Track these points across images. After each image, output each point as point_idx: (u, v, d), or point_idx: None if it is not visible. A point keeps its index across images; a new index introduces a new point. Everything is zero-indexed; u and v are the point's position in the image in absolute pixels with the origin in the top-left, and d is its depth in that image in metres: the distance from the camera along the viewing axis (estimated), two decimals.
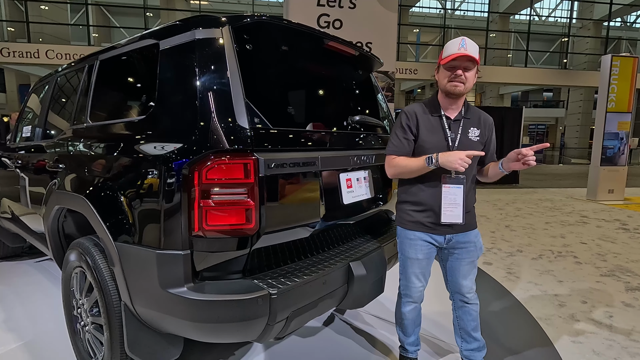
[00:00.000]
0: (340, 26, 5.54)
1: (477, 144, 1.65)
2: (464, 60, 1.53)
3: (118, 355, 1.52)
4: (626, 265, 3.63)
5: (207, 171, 1.25)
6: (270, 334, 1.36)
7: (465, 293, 1.76)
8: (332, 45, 1.83)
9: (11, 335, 2.19)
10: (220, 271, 1.36)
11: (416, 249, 1.70)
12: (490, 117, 1.74)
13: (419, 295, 1.79)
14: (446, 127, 1.63)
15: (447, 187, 1.60)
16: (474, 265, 1.76)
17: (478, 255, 1.74)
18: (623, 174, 7.63)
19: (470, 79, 1.57)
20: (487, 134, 1.70)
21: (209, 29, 1.39)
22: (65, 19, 16.23)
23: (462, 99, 1.65)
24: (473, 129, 1.65)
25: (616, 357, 2.07)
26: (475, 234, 1.73)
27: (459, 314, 1.82)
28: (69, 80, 2.30)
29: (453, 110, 1.65)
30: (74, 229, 2.06)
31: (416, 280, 1.75)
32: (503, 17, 20.34)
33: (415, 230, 1.69)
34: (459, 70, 1.54)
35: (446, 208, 1.61)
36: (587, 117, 21.62)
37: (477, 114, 1.70)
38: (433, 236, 1.69)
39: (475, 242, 1.72)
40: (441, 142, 1.62)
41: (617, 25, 24.45)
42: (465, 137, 1.64)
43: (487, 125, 1.70)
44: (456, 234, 1.68)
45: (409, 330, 1.85)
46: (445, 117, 1.64)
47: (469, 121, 1.66)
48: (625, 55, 7.56)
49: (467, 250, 1.71)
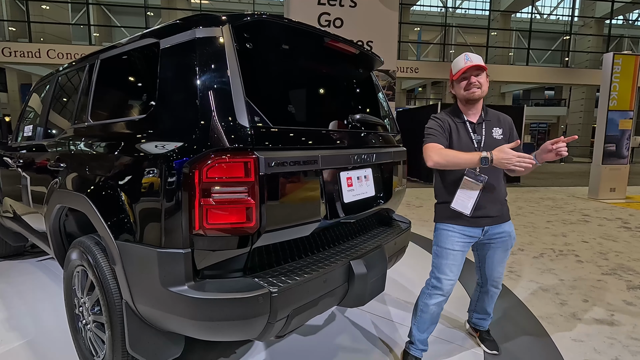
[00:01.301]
0: (341, 25, 5.53)
1: (501, 142, 1.77)
2: (473, 70, 1.74)
3: (120, 353, 1.53)
4: (628, 263, 3.63)
5: (207, 170, 1.25)
6: (271, 332, 1.36)
7: (496, 278, 1.96)
8: (332, 43, 1.83)
9: (13, 334, 2.20)
10: (221, 269, 1.36)
11: (453, 241, 1.81)
12: (509, 117, 1.90)
13: (449, 289, 1.84)
14: (470, 130, 1.80)
15: (468, 180, 1.76)
16: (507, 255, 1.93)
17: (512, 244, 1.90)
18: (625, 172, 7.61)
19: (484, 83, 1.77)
20: (509, 132, 1.84)
21: (209, 27, 1.39)
22: (66, 19, 16.25)
23: (480, 104, 1.83)
24: (495, 129, 1.82)
25: (617, 356, 2.07)
26: (509, 224, 1.88)
27: (482, 296, 2.05)
28: (70, 80, 2.31)
29: (474, 114, 1.83)
30: (75, 228, 2.07)
31: (449, 272, 1.82)
32: (504, 15, 20.27)
33: (454, 223, 1.81)
34: (472, 78, 1.74)
35: (459, 196, 1.76)
36: (588, 116, 21.55)
37: (495, 115, 1.87)
38: (471, 229, 1.80)
39: (510, 232, 1.88)
40: (468, 144, 1.78)
41: (619, 23, 24.35)
42: (489, 137, 1.80)
43: (507, 123, 1.86)
44: (492, 225, 1.82)
45: (425, 326, 1.91)
46: (469, 122, 1.82)
47: (490, 122, 1.83)
48: (627, 54, 7.53)
49: (502, 240, 1.86)
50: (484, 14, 22.14)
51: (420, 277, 3.14)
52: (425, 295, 1.89)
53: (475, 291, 2.12)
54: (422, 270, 3.35)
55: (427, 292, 1.88)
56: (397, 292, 2.84)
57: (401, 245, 2.14)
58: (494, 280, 1.97)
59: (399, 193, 2.25)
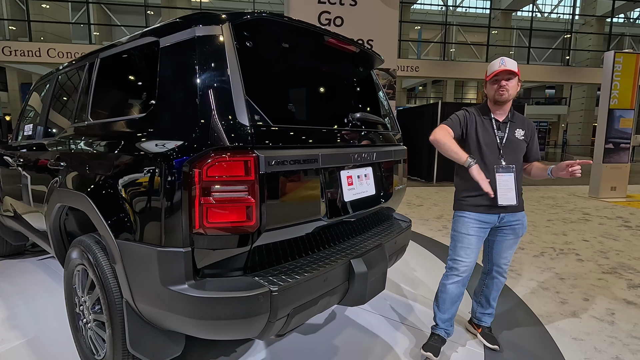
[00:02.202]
0: (341, 23, 5.52)
1: (522, 142, 1.96)
2: (505, 74, 1.87)
3: (120, 352, 1.53)
4: (628, 262, 3.62)
5: (207, 168, 1.25)
6: (271, 331, 1.36)
7: (502, 264, 2.05)
8: (332, 42, 1.82)
9: (14, 333, 2.20)
10: (222, 268, 1.36)
11: (468, 226, 1.95)
12: (533, 123, 2.07)
13: (464, 270, 1.97)
14: (495, 127, 1.95)
15: (501, 176, 1.90)
16: (516, 243, 2.04)
17: (523, 232, 2.02)
18: (626, 171, 7.59)
19: (513, 87, 1.90)
20: (530, 134, 2.01)
21: (209, 26, 1.39)
22: (66, 18, 16.24)
23: (508, 106, 1.97)
24: (519, 130, 1.97)
25: (618, 355, 2.07)
26: (523, 214, 2.01)
27: (488, 283, 2.13)
28: (70, 79, 2.31)
29: (501, 114, 1.98)
30: (75, 227, 2.07)
31: (464, 254, 1.96)
32: (505, 13, 20.21)
33: (472, 211, 1.96)
34: (503, 81, 1.88)
35: (501, 193, 1.89)
36: (589, 115, 21.51)
37: (521, 118, 2.02)
38: (488, 216, 1.94)
39: (523, 221, 2.00)
40: (492, 139, 1.93)
41: (620, 21, 24.29)
42: (512, 135, 1.94)
43: (530, 127, 2.02)
44: (507, 214, 1.95)
45: (445, 306, 2.03)
46: (495, 120, 1.96)
47: (514, 124, 1.97)
48: (628, 52, 7.51)
49: (514, 228, 1.98)
50: (484, 13, 22.09)
51: (421, 276, 3.15)
52: (444, 276, 2.05)
53: (481, 280, 2.17)
54: (422, 269, 3.35)
55: (445, 273, 2.04)
56: (397, 291, 2.84)
57: (401, 244, 2.14)
58: (500, 266, 2.05)
59: (399, 192, 2.25)
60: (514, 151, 1.93)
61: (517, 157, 1.95)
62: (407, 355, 2.04)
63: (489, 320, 2.17)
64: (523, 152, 1.98)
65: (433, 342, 2.01)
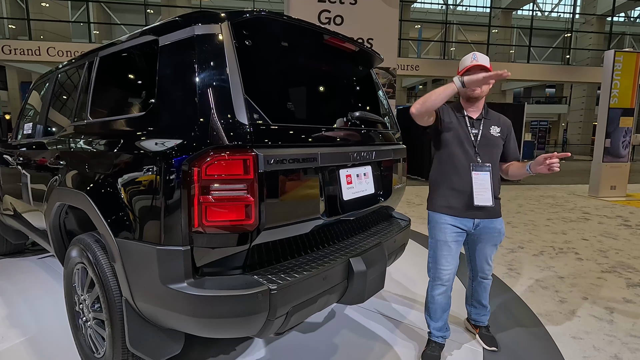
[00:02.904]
0: (341, 22, 5.51)
1: (498, 139, 1.90)
2: (477, 69, 1.79)
3: (120, 350, 1.54)
4: (628, 261, 3.63)
5: (206, 167, 1.25)
6: (271, 329, 1.36)
7: (485, 270, 2.03)
8: (332, 41, 1.82)
9: (14, 331, 2.21)
10: (221, 267, 1.36)
11: (445, 233, 1.89)
12: (509, 121, 2.00)
13: (447, 278, 1.93)
14: (468, 124, 1.89)
15: (477, 174, 1.83)
16: (494, 249, 2.01)
17: (500, 240, 1.97)
18: (625, 170, 7.59)
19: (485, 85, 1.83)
20: (506, 132, 1.94)
21: (208, 24, 1.39)
22: (66, 16, 16.22)
23: (481, 103, 1.92)
24: (494, 127, 1.91)
25: (617, 353, 2.08)
26: (500, 221, 1.94)
27: (475, 287, 2.10)
28: (70, 77, 2.31)
29: (474, 111, 1.92)
30: (75, 226, 2.07)
31: (445, 261, 1.90)
32: (505, 12, 20.19)
33: (445, 214, 1.89)
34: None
35: (477, 192, 1.82)
36: (589, 114, 21.51)
37: (496, 116, 1.97)
38: (462, 220, 1.87)
39: (500, 229, 1.94)
40: (467, 136, 1.88)
41: (620, 20, 24.25)
42: (487, 132, 1.89)
43: (506, 124, 1.96)
44: (484, 219, 1.88)
45: (437, 315, 1.99)
46: (468, 117, 1.91)
47: (489, 121, 1.92)
48: (628, 51, 7.50)
49: (492, 236, 1.93)
50: (484, 12, 22.06)
51: (420, 275, 3.15)
52: (430, 287, 2.01)
53: (468, 286, 2.18)
54: (421, 267, 3.35)
55: (430, 284, 2.00)
56: (396, 290, 2.84)
57: (401, 242, 2.14)
58: (484, 272, 2.04)
59: (398, 191, 2.25)
60: (490, 149, 1.87)
61: (492, 155, 1.88)
62: (406, 354, 2.04)
63: (486, 319, 2.17)
64: (499, 150, 1.92)
65: (431, 350, 1.97)
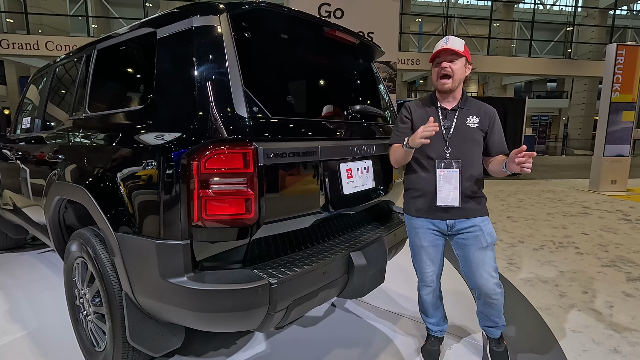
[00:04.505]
0: (341, 16, 5.47)
1: (475, 130, 1.69)
2: (447, 54, 1.62)
3: (120, 344, 1.54)
4: (627, 255, 3.63)
5: (205, 161, 1.24)
6: (271, 323, 1.36)
7: (481, 286, 1.71)
8: (332, 33, 1.80)
9: (15, 325, 2.21)
10: (220, 261, 1.36)
11: (420, 237, 1.79)
12: (493, 108, 1.76)
13: (431, 280, 1.85)
14: (441, 117, 1.71)
15: (442, 172, 1.67)
16: (486, 254, 1.70)
17: (487, 241, 1.70)
18: (626, 164, 7.58)
19: (458, 71, 1.64)
20: (487, 123, 1.72)
21: (206, 16, 1.37)
22: (64, 10, 16.08)
23: (457, 93, 1.72)
24: (472, 117, 1.70)
25: (616, 347, 2.08)
26: (482, 219, 1.72)
27: (482, 308, 1.82)
28: (68, 71, 2.29)
29: (449, 102, 1.73)
30: (74, 220, 2.06)
31: (425, 265, 1.83)
32: (507, 6, 20.02)
33: (417, 217, 1.78)
34: (444, 63, 1.63)
35: (441, 191, 1.67)
36: (590, 108, 21.42)
37: (477, 105, 1.74)
38: (435, 222, 1.74)
39: (481, 226, 1.70)
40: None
41: (623, 13, 24.05)
42: (462, 124, 1.69)
43: (488, 114, 1.73)
44: (458, 219, 1.70)
45: (429, 312, 1.95)
46: (442, 108, 1.73)
47: (467, 111, 1.71)
48: (630, 45, 7.45)
49: (474, 234, 1.70)
50: (486, 5, 21.87)
51: None
52: (418, 287, 1.94)
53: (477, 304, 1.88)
54: None
55: (418, 284, 1.93)
56: (396, 284, 2.84)
57: (401, 237, 2.14)
58: (482, 288, 1.72)
59: (399, 185, 2.24)
60: (464, 142, 1.66)
61: (468, 149, 1.67)
62: (406, 347, 2.05)
63: (497, 333, 1.87)
64: (478, 144, 1.70)
65: (430, 345, 1.94)
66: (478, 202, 1.73)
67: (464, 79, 1.70)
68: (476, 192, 1.72)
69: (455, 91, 1.70)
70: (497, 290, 1.73)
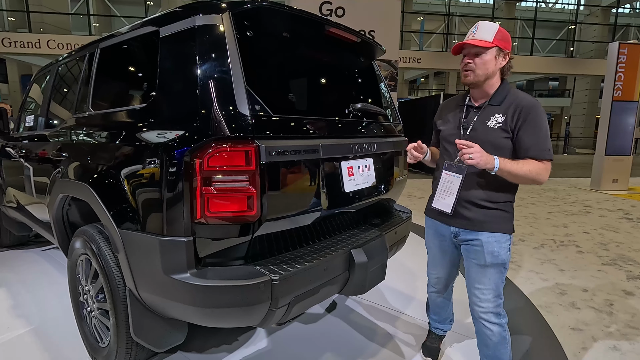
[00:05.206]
0: (342, 14, 5.47)
1: (496, 131, 1.47)
2: (470, 47, 1.48)
3: (124, 339, 1.56)
4: (628, 254, 3.64)
5: (208, 159, 1.25)
6: (273, 319, 1.38)
7: (472, 303, 1.58)
8: (334, 32, 1.81)
9: (20, 321, 2.24)
10: (223, 257, 1.38)
11: (428, 237, 1.80)
12: (530, 102, 1.46)
13: (435, 282, 1.84)
14: (463, 115, 1.59)
15: (447, 174, 1.58)
16: (484, 274, 1.53)
17: (486, 260, 1.51)
18: (628, 163, 7.56)
19: (483, 65, 1.47)
20: (515, 120, 1.44)
21: (209, 15, 1.38)
22: (65, 9, 16.10)
23: (489, 86, 1.52)
24: (496, 115, 1.49)
25: (615, 344, 2.09)
26: (489, 236, 1.51)
27: (476, 328, 1.62)
28: (70, 69, 2.30)
29: (479, 98, 1.57)
30: (78, 217, 2.08)
31: (430, 265, 1.84)
32: (509, 4, 19.94)
33: (428, 216, 1.77)
34: (466, 58, 1.51)
35: (439, 194, 1.60)
36: (592, 107, 21.34)
37: (510, 100, 1.49)
38: (439, 226, 1.70)
39: (484, 242, 1.51)
40: (455, 130, 1.60)
41: (625, 12, 23.94)
42: (481, 124, 1.51)
43: (519, 110, 1.44)
44: (461, 229, 1.58)
45: (433, 310, 1.95)
46: (468, 105, 1.59)
47: (493, 108, 1.51)
48: (633, 43, 7.42)
49: (474, 249, 1.54)
50: (488, 3, 21.79)
51: (420, 267, 3.17)
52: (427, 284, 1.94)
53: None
54: (422, 260, 3.37)
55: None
56: (397, 282, 2.86)
57: (402, 234, 2.15)
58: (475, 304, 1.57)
59: (399, 183, 2.25)
60: (481, 143, 1.40)
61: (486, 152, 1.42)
62: (406, 345, 2.06)
63: None
64: (497, 147, 1.45)
65: (430, 342, 1.95)
66: (489, 215, 1.52)
67: (496, 72, 1.50)
68: (488, 203, 1.51)
69: (485, 85, 1.51)
70: (491, 321, 1.53)
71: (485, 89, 1.53)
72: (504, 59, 1.50)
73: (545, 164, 1.44)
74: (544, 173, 1.44)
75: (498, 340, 1.55)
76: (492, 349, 1.58)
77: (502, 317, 1.56)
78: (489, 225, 1.52)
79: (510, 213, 1.55)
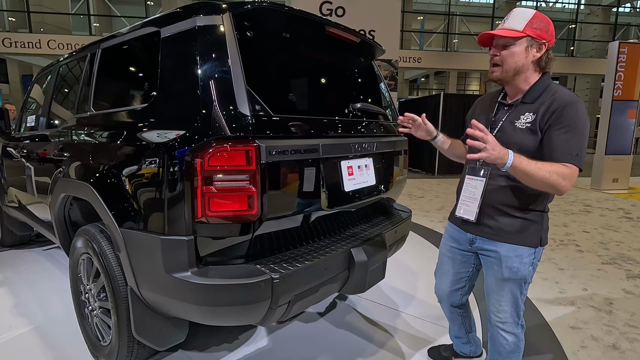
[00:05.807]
0: (342, 14, 5.48)
1: (524, 131, 1.31)
2: (498, 38, 1.31)
3: (125, 338, 1.57)
4: (628, 253, 3.64)
5: (209, 158, 1.27)
6: (273, 317, 1.39)
7: (490, 313, 1.49)
8: (334, 32, 1.82)
9: (22, 320, 2.25)
10: (224, 256, 1.39)
11: (443, 240, 1.67)
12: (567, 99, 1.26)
13: (439, 294, 1.70)
14: (492, 113, 1.44)
15: (470, 179, 1.44)
16: (503, 288, 1.41)
17: (504, 275, 1.38)
18: (628, 162, 7.56)
19: (511, 58, 1.29)
20: (546, 119, 1.26)
21: (209, 15, 1.39)
22: (65, 9, 16.12)
23: (522, 82, 1.35)
24: (527, 114, 1.32)
25: (614, 343, 2.10)
26: (509, 249, 1.36)
27: (490, 332, 1.53)
28: (71, 70, 2.31)
29: (512, 95, 1.41)
30: (79, 217, 2.09)
31: (436, 272, 1.72)
32: (509, 3, 19.93)
33: (449, 220, 1.62)
34: (493, 50, 1.34)
35: (463, 201, 1.45)
36: (593, 106, 21.32)
37: (545, 97, 1.31)
38: (459, 232, 1.54)
39: (502, 256, 1.37)
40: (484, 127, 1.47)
41: (626, 11, 23.92)
42: (509, 123, 1.35)
43: (552, 108, 1.26)
44: (479, 236, 1.44)
45: (448, 320, 1.78)
46: (500, 102, 1.44)
47: (525, 106, 1.34)
48: (633, 42, 7.42)
49: (489, 261, 1.43)
50: (488, 2, 21.78)
51: (420, 267, 3.18)
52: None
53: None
54: (422, 259, 3.38)
55: None
56: (397, 281, 2.87)
57: (401, 234, 2.16)
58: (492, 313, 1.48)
59: (399, 182, 2.26)
60: (506, 146, 1.21)
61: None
62: (406, 344, 2.07)
63: None
64: (524, 149, 1.26)
65: (443, 350, 1.88)
66: (513, 224, 1.36)
67: (529, 65, 1.31)
68: (513, 210, 1.36)
69: (518, 81, 1.34)
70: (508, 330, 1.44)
71: (518, 84, 1.35)
72: (539, 50, 1.29)
73: (571, 168, 1.21)
74: (567, 180, 1.20)
75: (511, 350, 1.47)
76: (503, 356, 1.49)
77: (520, 326, 1.47)
78: (511, 236, 1.37)
79: (539, 224, 1.37)
